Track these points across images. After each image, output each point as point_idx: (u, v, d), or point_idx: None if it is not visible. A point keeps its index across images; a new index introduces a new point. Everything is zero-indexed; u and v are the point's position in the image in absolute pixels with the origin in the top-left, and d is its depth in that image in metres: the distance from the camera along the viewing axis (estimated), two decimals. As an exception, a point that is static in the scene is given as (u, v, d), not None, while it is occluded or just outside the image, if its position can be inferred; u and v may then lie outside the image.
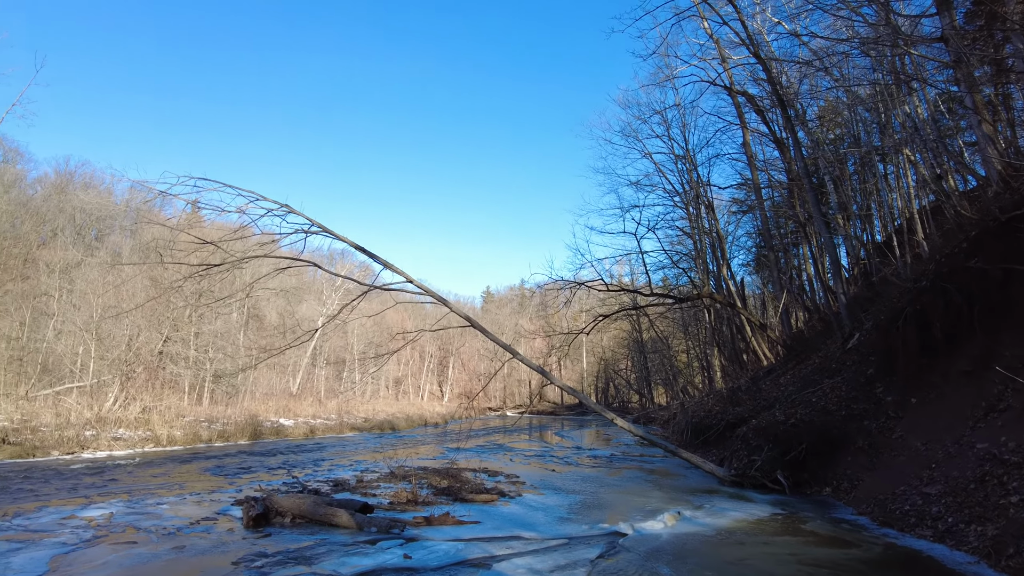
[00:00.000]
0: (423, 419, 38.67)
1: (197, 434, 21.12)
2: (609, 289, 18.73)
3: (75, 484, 11.89)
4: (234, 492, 11.09)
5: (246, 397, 32.41)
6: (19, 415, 19.02)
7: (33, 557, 6.51)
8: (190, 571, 6.23)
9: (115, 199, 49.40)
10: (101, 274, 29.92)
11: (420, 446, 22.58)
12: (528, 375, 61.16)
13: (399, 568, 6.46)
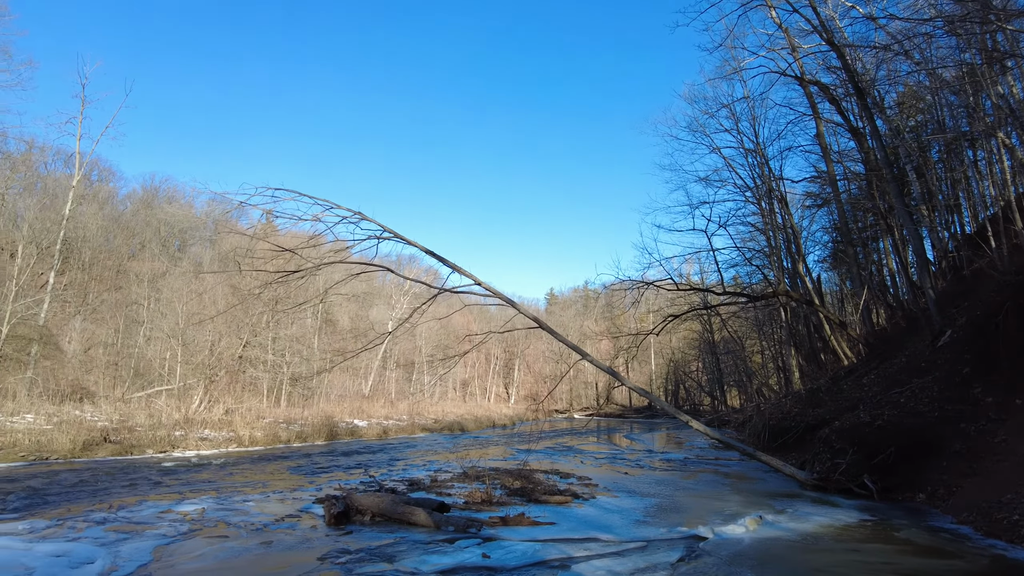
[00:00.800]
0: (491, 421, 38.93)
1: (276, 435, 21.97)
2: (679, 288, 18.27)
3: (169, 480, 12.57)
4: (314, 491, 11.44)
5: (321, 399, 33.51)
6: (117, 416, 20.28)
7: (138, 547, 6.91)
8: (278, 565, 6.44)
9: (196, 211, 52.16)
10: (185, 283, 31.60)
11: (490, 447, 22.71)
12: (595, 377, 60.60)
13: (478, 567, 6.48)
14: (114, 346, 30.88)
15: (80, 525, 7.90)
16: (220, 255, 41.56)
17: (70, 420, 17.86)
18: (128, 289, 36.33)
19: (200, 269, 34.70)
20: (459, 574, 6.27)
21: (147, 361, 29.51)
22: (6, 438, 15.53)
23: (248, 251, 26.12)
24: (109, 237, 43.53)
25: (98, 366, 28.34)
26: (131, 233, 45.92)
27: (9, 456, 14.69)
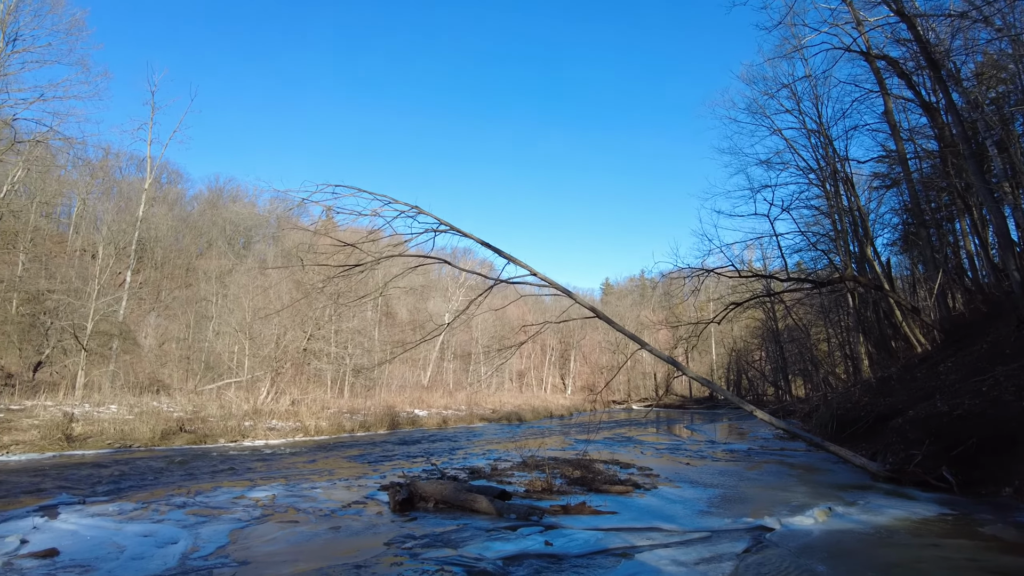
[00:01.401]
0: (548, 411, 38.99)
1: (341, 424, 22.62)
2: (740, 275, 17.78)
3: (240, 468, 13.11)
4: (378, 478, 11.72)
5: (382, 389, 34.29)
6: (191, 407, 21.27)
7: (216, 530, 7.25)
8: (347, 550, 6.63)
9: (259, 210, 54.04)
10: (250, 279, 32.81)
11: (547, 437, 22.75)
12: (653, 368, 59.78)
13: (541, 554, 6.50)
14: (186, 340, 32.42)
15: (163, 508, 8.34)
16: (283, 251, 42.99)
17: (149, 411, 18.83)
18: (197, 286, 38.04)
19: (264, 265, 35.98)
20: (522, 561, 6.29)
21: (217, 355, 30.83)
22: (94, 427, 16.54)
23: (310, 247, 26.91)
24: (179, 237, 45.63)
25: (172, 360, 29.81)
26: (199, 232, 47.99)
27: (98, 443, 15.66)
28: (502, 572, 5.88)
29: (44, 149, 26.29)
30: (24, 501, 8.79)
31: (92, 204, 40.82)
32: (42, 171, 29.94)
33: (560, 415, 39.30)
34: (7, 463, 12.93)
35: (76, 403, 19.79)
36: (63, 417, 15.94)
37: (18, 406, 18.24)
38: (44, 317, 27.23)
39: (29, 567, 5.69)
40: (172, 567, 5.78)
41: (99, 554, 6.15)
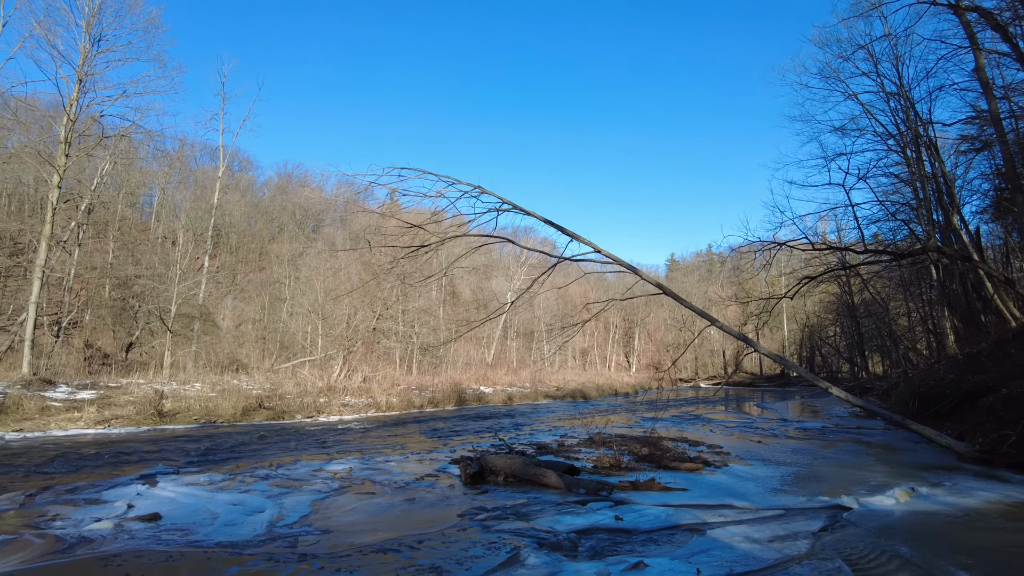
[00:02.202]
0: (613, 389, 38.84)
1: (410, 401, 23.24)
2: (814, 248, 17.08)
3: (317, 442, 13.67)
4: (449, 452, 12.01)
5: (448, 367, 34.94)
6: (268, 384, 22.26)
7: (299, 500, 7.62)
8: (423, 521, 6.84)
9: (326, 194, 55.52)
10: (321, 261, 33.87)
11: (613, 415, 22.67)
12: (722, 345, 58.49)
13: (612, 529, 6.52)
14: (261, 322, 33.87)
15: (248, 479, 8.81)
16: (351, 234, 44.13)
17: (230, 388, 19.84)
18: (270, 269, 39.57)
19: (334, 248, 37.03)
20: (593, 534, 6.34)
21: (291, 334, 32.09)
22: (182, 403, 17.57)
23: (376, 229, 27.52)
24: (251, 222, 47.47)
25: (249, 340, 31.23)
26: (270, 218, 49.78)
27: (186, 419, 16.66)
28: (574, 544, 5.94)
29: (127, 143, 27.76)
30: (127, 470, 9.47)
31: (171, 193, 42.97)
32: (126, 163, 31.64)
33: (625, 393, 39.09)
34: (109, 435, 13.93)
35: (164, 381, 21.06)
36: (154, 394, 17.00)
37: (115, 384, 19.56)
38: (133, 301, 28.99)
39: (137, 529, 6.15)
40: (261, 534, 6.11)
41: (196, 519, 6.58)
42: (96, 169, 27.26)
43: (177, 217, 39.52)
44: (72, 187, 26.04)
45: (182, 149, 42.27)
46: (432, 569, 5.16)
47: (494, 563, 5.36)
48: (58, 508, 6.88)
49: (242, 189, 49.63)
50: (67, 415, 15.32)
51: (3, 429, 13.75)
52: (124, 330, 28.28)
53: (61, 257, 25.73)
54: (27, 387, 16.70)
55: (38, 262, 20.36)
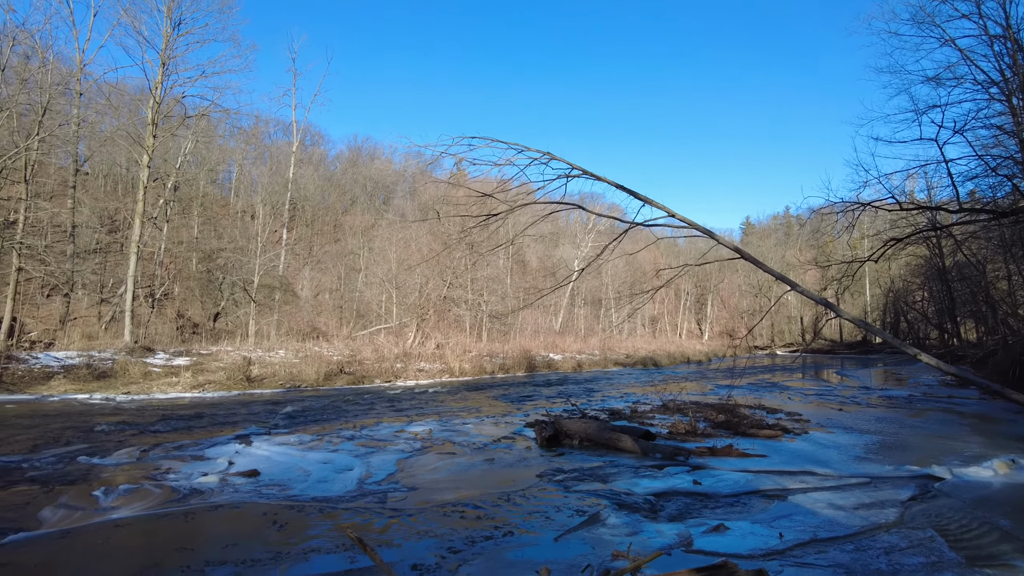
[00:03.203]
0: (684, 356, 38.33)
1: (482, 367, 23.71)
2: (902, 208, 16.07)
3: (397, 406, 14.18)
4: (522, 416, 12.22)
5: (517, 334, 35.30)
6: (347, 351, 23.13)
7: (384, 459, 7.98)
8: (504, 480, 7.03)
9: (395, 166, 56.39)
10: (392, 232, 34.60)
11: (686, 382, 22.41)
12: (799, 311, 56.45)
13: (690, 492, 6.53)
14: (338, 291, 35.02)
15: (335, 440, 9.26)
16: (420, 205, 44.82)
17: (312, 355, 20.75)
18: (345, 241, 40.75)
19: (404, 219, 37.74)
20: (672, 498, 6.36)
21: (366, 303, 33.12)
22: (267, 369, 18.53)
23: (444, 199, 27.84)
24: (325, 195, 48.81)
25: (326, 309, 32.40)
26: (342, 190, 51.03)
27: (272, 384, 17.58)
28: (653, 507, 5.98)
29: (207, 121, 28.97)
30: (224, 430, 10.13)
31: (248, 169, 44.65)
32: (206, 141, 33.05)
33: (697, 361, 38.51)
34: (203, 399, 14.89)
35: (251, 349, 22.22)
36: (243, 361, 17.99)
37: (206, 351, 20.80)
38: (218, 273, 30.52)
39: (240, 483, 6.60)
40: (351, 490, 6.44)
41: (290, 476, 6.99)
42: (180, 148, 28.61)
43: (255, 192, 41.11)
44: (159, 166, 27.47)
45: (256, 126, 43.95)
46: (516, 526, 5.32)
47: (576, 521, 5.47)
48: (169, 463, 7.46)
49: (315, 163, 50.98)
50: (166, 380, 16.44)
51: (114, 392, 14.92)
52: (211, 300, 29.89)
53: (152, 233, 27.32)
54: (131, 354, 17.99)
55: (133, 238, 21.71)
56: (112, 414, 11.83)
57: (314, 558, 4.50)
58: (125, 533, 4.99)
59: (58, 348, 18.22)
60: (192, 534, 5.03)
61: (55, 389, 14.68)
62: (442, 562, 4.42)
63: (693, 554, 4.68)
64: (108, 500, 5.80)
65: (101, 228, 29.78)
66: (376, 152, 59.68)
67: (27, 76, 20.28)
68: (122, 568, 4.26)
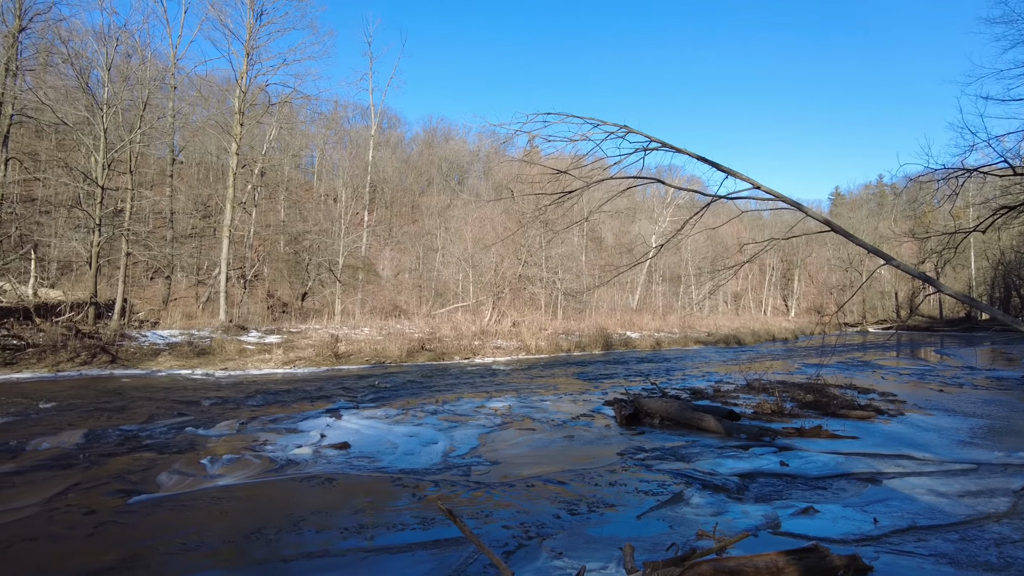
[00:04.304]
0: (769, 334, 37.08)
1: (558, 344, 23.75)
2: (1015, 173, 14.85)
3: (476, 382, 14.43)
4: (600, 394, 12.18)
5: (593, 312, 35.07)
6: (427, 328, 23.66)
7: (466, 434, 8.16)
8: (584, 456, 7.05)
9: (469, 146, 56.78)
10: (467, 212, 34.95)
11: (770, 361, 21.68)
12: (894, 286, 53.18)
13: (776, 473, 6.35)
14: (417, 270, 35.82)
15: (419, 414, 9.53)
16: (494, 184, 45.01)
17: (394, 332, 21.38)
18: (422, 221, 41.53)
19: (479, 199, 38.01)
20: (757, 478, 6.20)
21: (444, 282, 33.73)
22: (353, 347, 19.25)
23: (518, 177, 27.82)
24: (403, 177, 49.80)
25: (406, 288, 33.20)
26: (419, 172, 51.90)
27: (358, 360, 18.28)
28: (738, 487, 5.85)
29: (289, 108, 30.06)
30: (315, 404, 10.62)
31: (329, 153, 46.08)
32: (289, 128, 34.26)
33: (783, 339, 37.18)
34: (295, 375, 15.65)
35: (337, 326, 23.11)
36: (330, 338, 18.75)
37: (295, 329, 21.81)
38: (304, 254, 31.80)
39: (332, 455, 6.92)
40: (437, 463, 6.62)
41: (379, 449, 7.26)
42: (265, 135, 29.83)
43: (337, 176, 42.40)
44: (246, 153, 28.75)
45: (336, 111, 45.06)
46: (598, 503, 5.32)
47: (658, 500, 5.43)
48: (266, 435, 7.90)
49: (392, 145, 51.99)
50: (259, 356, 17.37)
51: (213, 368, 15.93)
52: (299, 281, 31.22)
53: (242, 217, 28.71)
54: (226, 332, 19.10)
55: (225, 222, 22.91)
56: (212, 388, 12.64)
57: (403, 527, 4.67)
58: (230, 499, 5.34)
59: (162, 327, 19.57)
60: (289, 502, 5.33)
61: (162, 365, 15.80)
62: (526, 535, 4.49)
63: (781, 536, 4.57)
64: (214, 468, 6.21)
65: (196, 214, 31.61)
66: (451, 133, 60.32)
67: (128, 74, 21.63)
68: (228, 530, 4.57)
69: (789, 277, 59.24)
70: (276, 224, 34.62)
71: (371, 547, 4.27)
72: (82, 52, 22.15)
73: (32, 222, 24.44)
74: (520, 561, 4.02)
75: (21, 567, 3.92)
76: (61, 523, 4.68)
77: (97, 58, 21.14)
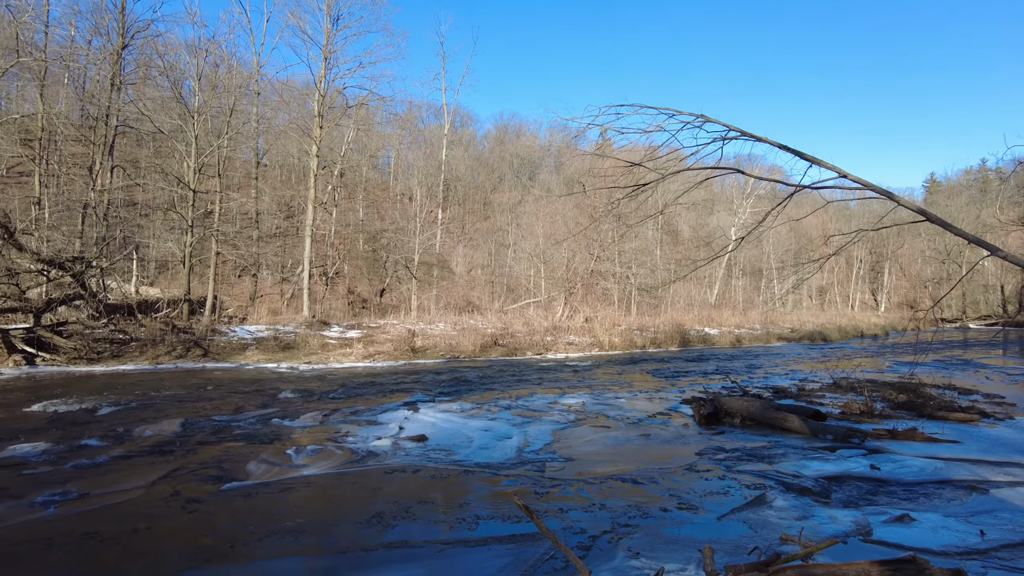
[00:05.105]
0: (858, 330, 35.26)
1: (632, 341, 23.39)
2: None
3: (548, 377, 14.41)
4: (677, 392, 11.91)
5: (668, 307, 34.34)
6: (500, 324, 23.83)
7: (540, 429, 8.17)
8: (661, 456, 6.91)
9: (540, 142, 56.75)
10: (539, 208, 34.95)
11: (858, 358, 20.59)
12: (1000, 278, 49.24)
13: (866, 477, 6.04)
14: (489, 267, 36.13)
15: (493, 409, 9.61)
16: (565, 179, 44.82)
17: (468, 328, 21.65)
18: (494, 218, 41.85)
19: (551, 194, 37.96)
20: (845, 482, 5.92)
21: (515, 278, 33.87)
22: (429, 341, 19.64)
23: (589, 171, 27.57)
24: (474, 175, 50.34)
25: (479, 284, 33.54)
26: (491, 169, 52.32)
27: (433, 355, 18.64)
28: (825, 491, 5.60)
29: (365, 110, 30.89)
30: (393, 397, 10.90)
31: (404, 153, 47.10)
32: (366, 129, 35.24)
33: (872, 335, 35.25)
34: (374, 368, 16.12)
35: (413, 322, 23.63)
36: (407, 333, 19.20)
37: (374, 324, 22.46)
38: (382, 252, 32.71)
39: (410, 447, 7.08)
40: (512, 458, 6.65)
41: (455, 442, 7.36)
42: (343, 137, 30.82)
43: (411, 175, 43.33)
44: (326, 155, 29.81)
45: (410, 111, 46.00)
46: (677, 503, 5.20)
47: (740, 502, 5.25)
48: (347, 427, 8.17)
49: (464, 144, 52.63)
50: (341, 351, 17.99)
51: (297, 361, 16.62)
52: (377, 277, 32.13)
53: (323, 217, 29.82)
54: (310, 327, 19.89)
55: (307, 222, 23.84)
56: (296, 381, 13.19)
57: (478, 521, 4.72)
58: (314, 488, 5.56)
59: (250, 322, 20.59)
60: (369, 492, 5.49)
61: (249, 358, 16.62)
62: (602, 534, 4.45)
63: (872, 544, 4.34)
64: (299, 458, 6.48)
65: (280, 214, 33.07)
66: (522, 129, 60.46)
67: (216, 82, 22.86)
68: (313, 518, 4.76)
69: (878, 270, 55.96)
70: (355, 223, 35.76)
71: (448, 539, 4.33)
72: (176, 64, 23.65)
73: (134, 225, 26.27)
74: (597, 559, 3.98)
75: (132, 544, 4.23)
76: (163, 506, 5.01)
77: (189, 69, 22.53)
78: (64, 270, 15.29)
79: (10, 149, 23.27)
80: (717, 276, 42.20)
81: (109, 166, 21.55)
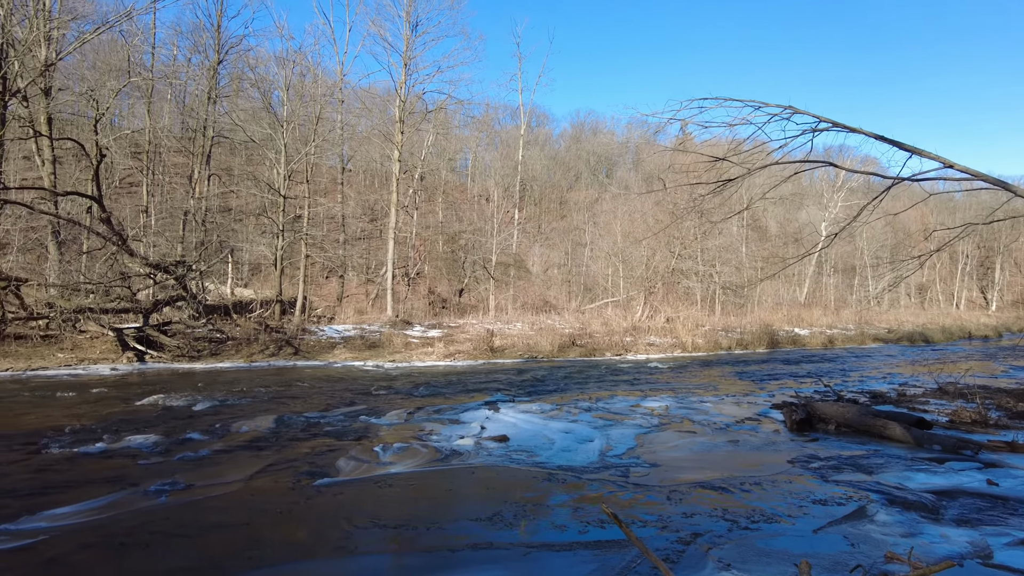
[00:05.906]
0: (964, 331, 32.80)
1: (717, 342, 22.68)
2: None
3: (629, 379, 14.18)
4: (767, 396, 11.43)
5: (755, 307, 33.11)
6: (578, 324, 23.70)
7: (623, 433, 8.03)
8: (750, 463, 6.64)
9: (617, 138, 56.06)
10: (616, 205, 34.50)
11: (967, 362, 19.15)
12: None
13: (981, 493, 5.57)
14: (565, 266, 36.01)
15: (573, 410, 9.54)
16: (644, 176, 44.05)
17: (546, 328, 21.63)
18: (570, 217, 41.67)
19: (628, 192, 37.39)
20: (958, 498, 5.46)
21: (592, 277, 33.59)
22: (507, 341, 19.77)
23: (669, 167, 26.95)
24: (550, 174, 50.31)
25: (555, 283, 33.48)
26: (567, 168, 52.15)
27: (512, 354, 18.74)
28: (934, 506, 5.20)
29: (444, 114, 31.43)
30: (474, 396, 11.03)
31: (481, 155, 47.65)
32: (444, 132, 35.88)
33: (982, 336, 32.71)
34: (454, 367, 16.37)
35: (491, 321, 23.85)
36: (486, 333, 19.40)
37: (454, 323, 22.84)
38: (460, 253, 33.23)
39: (492, 447, 7.13)
40: (594, 461, 6.57)
41: (536, 443, 7.35)
42: (423, 141, 31.50)
43: (488, 176, 43.78)
44: (407, 159, 30.56)
45: (487, 113, 46.49)
46: (768, 513, 4.98)
47: (837, 514, 4.97)
48: (431, 425, 8.32)
49: (540, 143, 52.70)
50: (423, 350, 18.39)
51: (382, 360, 17.12)
52: (456, 278, 32.68)
53: (405, 219, 30.61)
54: (393, 327, 20.45)
55: (390, 225, 24.53)
56: (382, 379, 13.56)
57: (563, 525, 4.67)
58: (401, 486, 5.68)
59: (337, 322, 21.37)
60: (454, 491, 5.56)
61: (337, 357, 17.24)
62: (691, 543, 4.30)
63: (993, 568, 3.97)
64: (386, 456, 6.64)
65: (364, 217, 34.19)
66: (598, 126, 59.93)
67: (303, 92, 23.88)
68: (399, 515, 4.85)
69: (988, 266, 51.79)
70: (435, 225, 36.52)
71: (533, 543, 4.31)
72: (265, 76, 24.90)
73: (229, 229, 27.85)
74: (685, 570, 3.86)
75: (235, 535, 4.45)
76: (261, 499, 5.26)
77: (277, 80, 23.67)
78: (168, 273, 16.38)
79: (123, 162, 25.24)
80: (807, 274, 40.30)
81: (206, 175, 22.99)
